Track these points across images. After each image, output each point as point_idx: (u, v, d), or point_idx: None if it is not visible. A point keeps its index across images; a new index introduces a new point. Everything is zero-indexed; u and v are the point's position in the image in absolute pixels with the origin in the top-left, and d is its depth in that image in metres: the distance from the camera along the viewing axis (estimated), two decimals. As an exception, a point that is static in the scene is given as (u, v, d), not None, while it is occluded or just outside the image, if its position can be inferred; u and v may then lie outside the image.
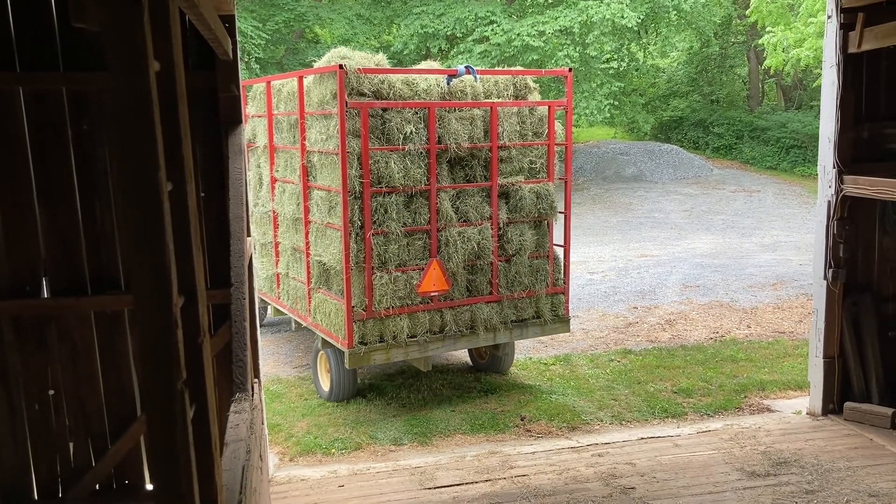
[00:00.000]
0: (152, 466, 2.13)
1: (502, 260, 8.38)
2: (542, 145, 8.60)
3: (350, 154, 7.44)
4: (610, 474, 6.50)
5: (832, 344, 7.57)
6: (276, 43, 26.05)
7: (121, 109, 1.96)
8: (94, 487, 6.05)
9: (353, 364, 7.74)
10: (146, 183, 2.01)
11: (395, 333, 7.86)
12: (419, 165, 7.78)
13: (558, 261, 8.88)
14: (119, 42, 1.94)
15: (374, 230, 7.59)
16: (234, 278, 5.15)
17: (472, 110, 8.12)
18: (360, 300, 7.71)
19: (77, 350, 5.95)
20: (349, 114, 7.46)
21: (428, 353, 8.11)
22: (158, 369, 2.07)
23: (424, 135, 7.81)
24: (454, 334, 8.20)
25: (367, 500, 6.18)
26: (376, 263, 7.68)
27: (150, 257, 2.02)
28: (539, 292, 8.59)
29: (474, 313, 8.28)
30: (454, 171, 8.13)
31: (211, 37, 4.73)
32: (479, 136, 8.15)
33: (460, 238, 8.02)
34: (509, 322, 8.48)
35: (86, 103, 5.72)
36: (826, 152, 7.38)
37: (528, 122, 8.50)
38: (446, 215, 7.96)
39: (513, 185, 8.37)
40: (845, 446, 6.91)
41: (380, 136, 7.64)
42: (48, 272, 5.85)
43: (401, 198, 7.76)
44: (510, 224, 8.41)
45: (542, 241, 8.66)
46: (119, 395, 6.06)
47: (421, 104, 7.84)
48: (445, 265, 7.98)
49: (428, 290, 7.88)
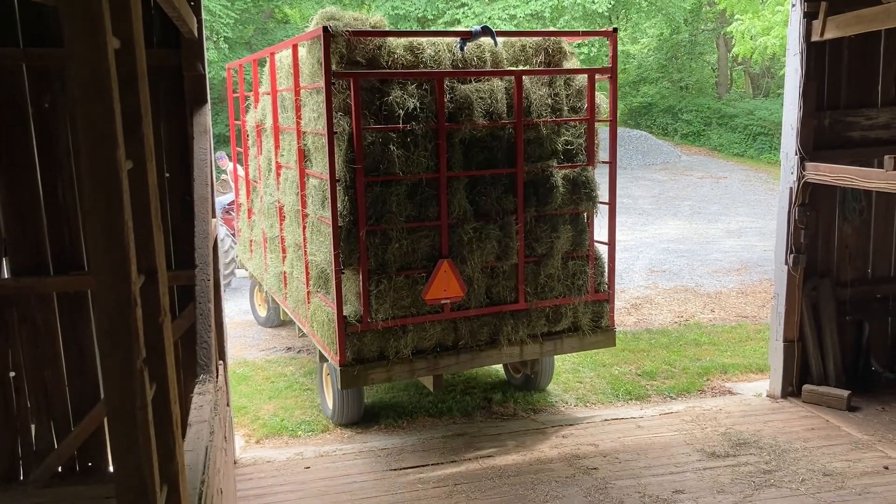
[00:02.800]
0: (112, 446, 2.13)
1: (530, 261, 6.93)
2: (581, 122, 7.09)
3: (339, 135, 6.16)
4: (573, 455, 6.59)
5: (792, 328, 7.73)
6: (244, 23, 25.73)
7: (79, 86, 1.94)
8: (56, 470, 6.01)
9: (346, 384, 6.47)
10: (105, 160, 1.99)
11: (398, 349, 6.55)
12: (425, 148, 6.40)
13: (601, 262, 7.32)
14: (76, 17, 1.92)
15: (369, 226, 6.29)
16: (199, 259, 5.12)
17: (491, 80, 6.71)
18: (355, 309, 6.44)
19: (39, 331, 5.89)
20: (337, 87, 6.18)
21: (438, 370, 6.80)
22: (117, 348, 2.05)
23: (432, 111, 6.41)
24: (471, 349, 6.85)
25: (333, 481, 6.21)
26: (373, 266, 6.37)
27: (108, 236, 2.01)
28: (577, 300, 7.12)
29: (496, 325, 6.90)
30: (470, 154, 6.66)
31: (175, 14, 4.67)
32: (500, 111, 6.71)
33: (477, 236, 6.63)
34: (539, 335, 7.08)
35: (47, 80, 5.62)
36: (789, 139, 7.49)
37: (563, 95, 7.01)
38: (460, 208, 6.58)
39: (543, 171, 6.85)
40: (802, 427, 7.07)
41: (377, 114, 6.31)
42: (8, 252, 5.76)
43: (403, 187, 6.39)
44: (540, 218, 6.91)
45: (580, 238, 7.14)
46: (82, 377, 6.01)
47: (427, 73, 6.45)
48: (459, 268, 6.64)
49: (437, 298, 6.57)
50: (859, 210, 7.75)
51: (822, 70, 7.39)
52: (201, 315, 4.90)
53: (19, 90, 5.59)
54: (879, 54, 7.59)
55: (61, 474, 6.04)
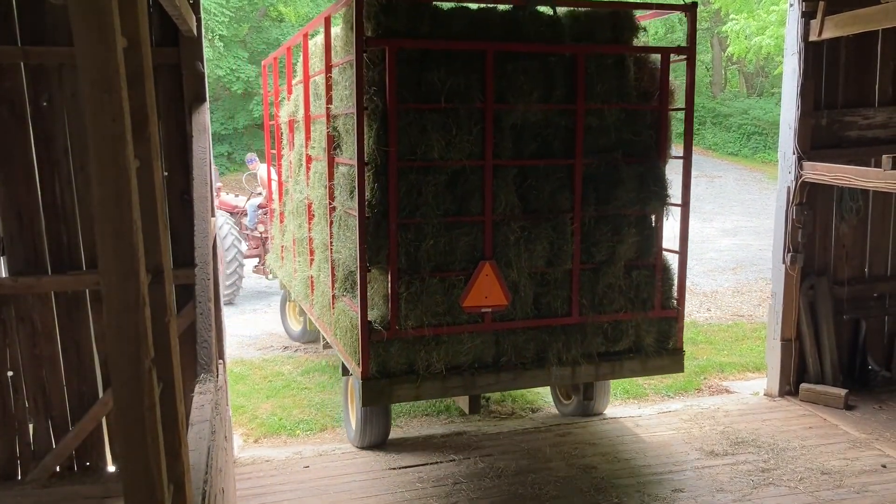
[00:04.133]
0: (119, 445, 2.12)
1: (587, 268, 6.02)
2: (653, 110, 6.16)
3: (370, 113, 5.38)
4: (572, 454, 6.60)
5: (789, 327, 7.75)
6: (239, 21, 25.68)
7: (88, 86, 1.93)
8: (54, 469, 5.99)
9: (369, 401, 5.70)
10: (113, 160, 1.99)
11: (430, 363, 5.73)
12: (469, 132, 5.57)
13: (669, 272, 6.36)
14: (86, 16, 1.91)
15: (401, 218, 5.51)
16: (199, 258, 5.11)
17: (549, 57, 5.77)
18: (382, 313, 5.64)
19: (37, 330, 5.87)
20: (370, 57, 5.39)
21: (475, 390, 5.98)
22: (126, 348, 2.05)
23: (479, 90, 5.58)
24: (514, 368, 5.94)
25: (333, 480, 6.20)
26: (404, 264, 5.57)
27: (117, 236, 2.00)
28: (640, 316, 6.19)
29: (544, 341, 5.99)
30: (521, 141, 5.83)
31: (175, 13, 4.66)
32: (559, 93, 5.83)
33: (526, 236, 5.79)
34: (595, 355, 6.13)
35: (46, 78, 5.60)
36: (786, 139, 7.51)
37: (632, 77, 6.07)
38: (507, 203, 5.75)
39: (606, 164, 6.00)
40: (800, 426, 7.09)
41: (414, 90, 5.49)
42: (6, 251, 5.74)
43: (442, 176, 5.60)
44: (600, 219, 6.00)
45: (646, 244, 6.19)
46: (80, 376, 5.99)
47: (475, 45, 5.58)
48: (503, 272, 5.78)
49: (477, 305, 5.75)
50: (856, 209, 7.78)
51: (819, 70, 7.41)
52: (201, 314, 4.89)
53: (17, 88, 5.57)
54: (877, 54, 7.61)
55: (59, 474, 6.01)
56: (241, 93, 25.35)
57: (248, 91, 25.35)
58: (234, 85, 24.98)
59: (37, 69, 5.58)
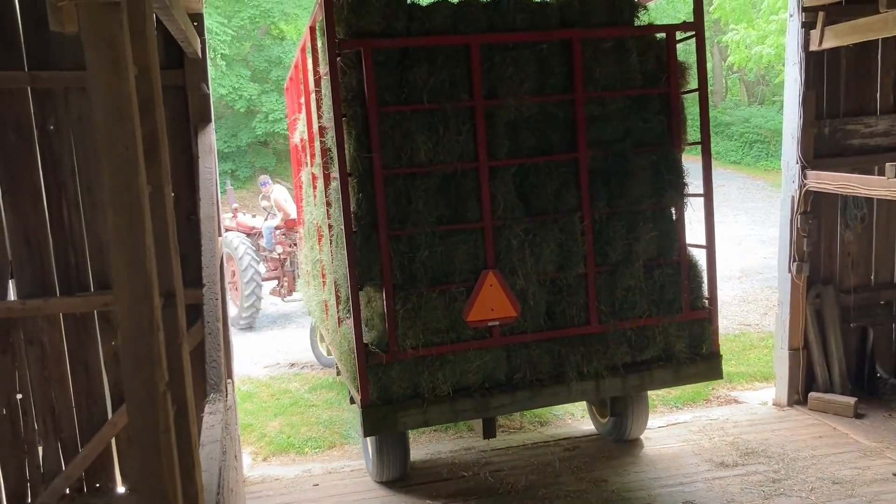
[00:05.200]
0: (135, 469, 2.13)
1: (603, 270, 5.63)
2: (661, 94, 5.76)
3: (350, 120, 5.12)
4: (582, 468, 6.58)
5: (797, 336, 7.73)
6: (241, 39, 25.84)
7: (101, 114, 1.96)
8: (64, 491, 6.00)
9: (371, 430, 5.33)
10: (126, 186, 2.01)
11: (435, 385, 5.35)
12: (458, 132, 5.24)
13: (696, 269, 5.94)
14: (99, 46, 1.94)
15: (392, 230, 5.20)
16: (207, 278, 5.13)
17: (541, 44, 5.43)
18: (379, 334, 5.29)
19: (46, 352, 5.90)
20: (345, 61, 5.09)
21: (489, 412, 5.55)
22: (141, 371, 2.07)
23: (466, 86, 5.27)
24: (530, 385, 5.53)
25: (343, 498, 6.19)
26: (398, 279, 5.24)
27: (131, 260, 2.03)
28: (667, 319, 5.76)
29: (562, 354, 5.58)
30: (517, 138, 5.46)
31: (181, 36, 4.71)
32: (555, 83, 5.49)
33: (531, 239, 5.40)
34: (620, 366, 5.70)
35: (52, 102, 5.65)
36: (789, 148, 7.53)
37: (635, 60, 5.67)
38: (507, 204, 5.38)
39: (614, 155, 5.62)
40: (810, 435, 7.07)
41: (395, 92, 5.22)
42: (14, 274, 5.77)
43: (431, 180, 5.27)
44: (612, 216, 5.64)
45: (667, 239, 5.80)
46: (89, 398, 6.01)
47: (457, 39, 5.25)
48: (509, 280, 5.39)
49: (483, 319, 5.35)
50: (861, 217, 7.78)
51: (821, 79, 7.43)
52: (210, 334, 4.90)
53: (24, 112, 5.63)
54: (877, 63, 7.63)
55: (69, 496, 6.02)
56: (243, 111, 25.47)
57: (251, 109, 25.47)
58: (237, 103, 25.10)
59: (43, 93, 5.64)
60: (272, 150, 26.58)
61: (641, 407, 6.67)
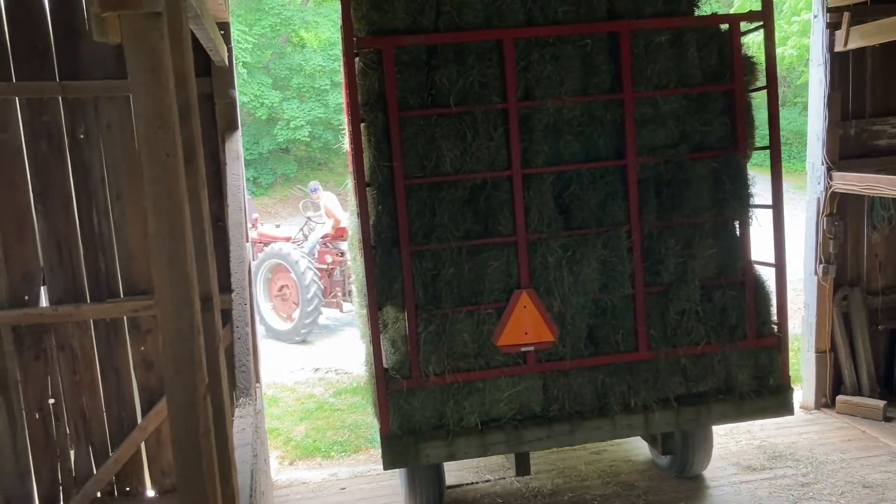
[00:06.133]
0: (176, 471, 2.17)
1: (654, 291, 5.13)
2: (724, 93, 5.20)
3: (370, 125, 4.75)
4: (608, 472, 6.56)
5: (823, 338, 7.67)
6: (262, 47, 26.05)
7: (143, 122, 2.00)
8: (95, 495, 6.08)
9: (391, 462, 4.90)
10: (168, 193, 2.05)
11: (461, 415, 4.91)
12: (488, 137, 4.80)
13: (764, 291, 5.35)
14: (140, 56, 1.99)
15: (414, 245, 4.79)
16: (235, 284, 5.19)
17: (585, 38, 4.91)
18: (401, 358, 4.87)
19: (77, 358, 5.99)
20: (365, 61, 4.75)
21: (522, 447, 5.07)
22: (182, 375, 2.11)
23: (498, 86, 4.82)
24: (569, 418, 5.04)
25: (370, 502, 6.22)
26: (421, 299, 4.83)
27: (172, 266, 2.07)
28: (729, 347, 5.18)
29: (606, 384, 5.07)
30: (558, 143, 4.96)
31: (210, 45, 4.77)
32: (601, 82, 4.99)
33: (570, 256, 4.92)
34: (672, 398, 5.15)
35: (82, 111, 5.74)
36: (815, 149, 7.47)
37: (694, 54, 5.09)
38: (543, 217, 4.91)
39: (668, 162, 5.07)
40: (839, 439, 7.00)
41: (421, 94, 4.79)
42: (46, 281, 5.86)
43: (458, 191, 4.85)
44: (665, 230, 5.11)
45: (729, 257, 5.23)
46: (119, 403, 6.09)
47: (489, 34, 4.80)
48: (545, 301, 4.91)
49: (515, 344, 4.89)
50: (888, 218, 7.69)
51: (846, 80, 7.38)
52: (239, 339, 4.95)
53: (56, 121, 5.72)
54: (904, 62, 7.56)
55: (100, 500, 6.10)
56: (265, 118, 25.65)
57: (272, 116, 25.65)
58: (259, 111, 25.29)
59: (74, 102, 5.74)
60: (293, 157, 26.76)
61: (703, 440, 5.91)
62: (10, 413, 5.91)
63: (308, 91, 26.35)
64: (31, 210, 5.76)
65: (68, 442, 6.05)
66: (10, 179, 5.69)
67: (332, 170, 27.12)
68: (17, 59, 5.60)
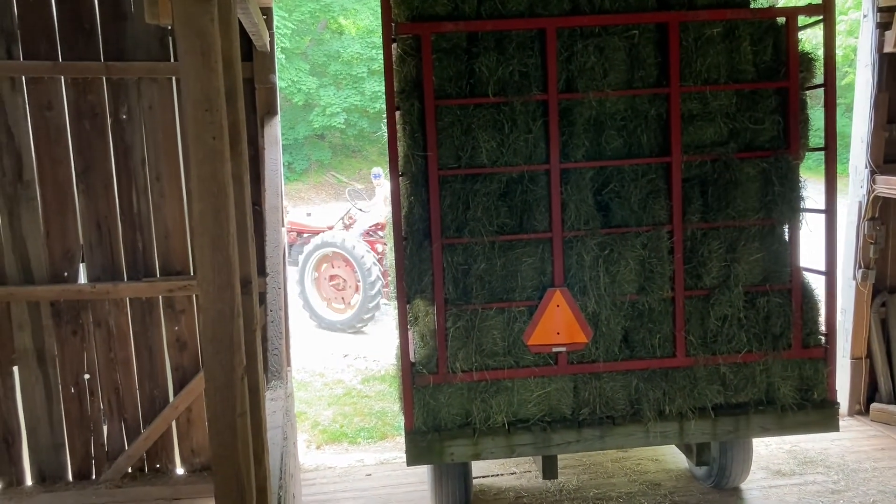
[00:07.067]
0: (212, 451, 2.20)
1: (694, 295, 4.95)
2: (777, 90, 4.98)
3: (406, 113, 4.67)
4: (635, 469, 6.52)
5: (859, 345, 7.54)
6: (301, 33, 26.18)
7: (191, 104, 2.02)
8: (126, 470, 6.18)
9: (415, 459, 4.83)
10: (213, 176, 2.07)
11: (488, 414, 4.84)
12: (527, 129, 4.69)
13: (812, 299, 5.10)
14: (190, 38, 2.00)
15: (446, 237, 4.70)
16: (270, 268, 5.23)
17: (631, 28, 4.77)
18: (428, 353, 4.81)
19: (112, 335, 6.08)
20: (403, 47, 4.68)
21: (550, 450, 4.93)
22: (221, 355, 2.13)
23: (539, 77, 4.70)
24: (600, 423, 4.93)
25: (395, 489, 6.25)
26: (451, 294, 4.73)
27: (215, 248, 2.08)
28: (772, 356, 4.99)
29: (640, 389, 4.95)
30: (598, 137, 4.84)
31: (253, 30, 4.80)
32: (646, 75, 4.83)
33: (607, 255, 4.80)
34: (709, 407, 5.00)
35: (125, 92, 5.82)
36: (858, 152, 7.33)
37: (747, 49, 4.89)
38: (581, 214, 4.76)
39: (715, 161, 4.88)
40: (872, 447, 6.89)
41: (459, 83, 4.68)
42: (85, 258, 5.96)
43: (493, 184, 4.73)
44: (709, 232, 4.92)
45: (776, 262, 5.02)
46: (152, 381, 6.18)
47: (531, 22, 4.66)
48: (579, 301, 4.80)
49: (546, 343, 4.78)
50: (931, 225, 7.53)
51: (893, 81, 7.22)
52: (272, 322, 5.00)
53: (99, 101, 5.80)
54: (954, 65, 7.37)
55: (131, 475, 6.20)
56: (301, 104, 25.81)
57: (309, 102, 25.81)
58: (295, 96, 25.46)
59: (117, 83, 5.81)
60: (328, 143, 26.89)
61: (743, 452, 5.69)
62: (47, 387, 6.03)
63: (345, 78, 26.47)
64: (72, 188, 5.85)
65: (102, 417, 6.16)
66: (54, 157, 5.78)
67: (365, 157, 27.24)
68: (63, 40, 5.69)
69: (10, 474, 6.11)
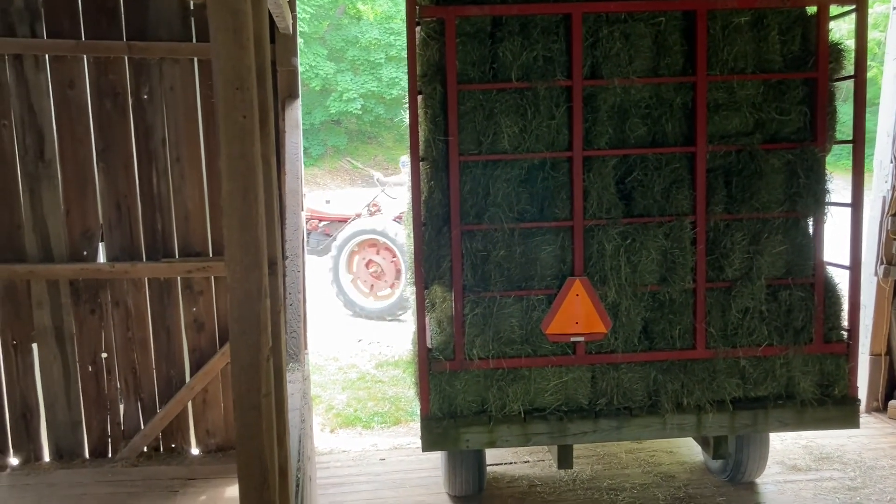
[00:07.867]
0: (237, 431, 2.19)
1: (716, 287, 4.91)
2: (806, 81, 4.89)
3: (428, 97, 4.66)
4: (649, 461, 6.50)
5: (879, 341, 7.48)
6: (319, 18, 26.13)
7: (222, 83, 2.00)
8: (141, 449, 6.22)
9: (430, 445, 4.84)
10: (242, 155, 2.06)
11: (504, 402, 4.84)
12: (550, 116, 4.66)
13: (835, 294, 5.05)
14: (223, 16, 1.98)
15: (465, 224, 4.69)
16: (290, 251, 5.23)
17: (657, 15, 4.70)
18: (445, 339, 4.82)
19: (130, 315, 6.11)
20: (426, 30, 4.65)
21: (565, 439, 4.92)
22: (247, 336, 2.12)
23: (563, 62, 4.65)
24: (616, 414, 4.91)
25: (408, 474, 6.26)
26: (469, 280, 4.72)
27: (243, 228, 2.07)
28: (793, 350, 4.95)
29: (658, 381, 4.93)
30: (622, 125, 4.79)
31: (277, 11, 4.78)
32: (671, 63, 4.75)
33: (629, 245, 4.76)
34: (728, 401, 4.96)
35: (147, 72, 5.81)
36: (884, 146, 7.24)
37: (776, 38, 4.82)
38: (603, 202, 4.73)
39: (740, 151, 4.84)
40: (889, 444, 6.84)
41: (482, 68, 4.64)
42: (104, 237, 5.98)
43: (515, 171, 4.72)
44: (732, 224, 4.87)
45: (799, 256, 4.96)
46: (169, 361, 6.20)
47: (557, 7, 4.59)
48: (599, 291, 4.77)
49: (565, 333, 4.75)
50: (956, 221, 7.44)
51: (921, 76, 7.12)
52: (291, 305, 4.99)
53: (121, 81, 5.80)
54: (984, 60, 7.26)
55: (146, 454, 6.24)
56: (318, 89, 25.80)
57: (326, 87, 25.79)
58: (313, 81, 25.44)
59: (139, 63, 5.80)
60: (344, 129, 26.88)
61: (759, 446, 5.68)
62: (64, 364, 6.06)
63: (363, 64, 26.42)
64: (93, 167, 5.86)
65: (119, 396, 6.19)
66: (76, 136, 5.79)
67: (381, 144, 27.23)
68: (86, 18, 5.68)
69: (29, 450, 6.16)
